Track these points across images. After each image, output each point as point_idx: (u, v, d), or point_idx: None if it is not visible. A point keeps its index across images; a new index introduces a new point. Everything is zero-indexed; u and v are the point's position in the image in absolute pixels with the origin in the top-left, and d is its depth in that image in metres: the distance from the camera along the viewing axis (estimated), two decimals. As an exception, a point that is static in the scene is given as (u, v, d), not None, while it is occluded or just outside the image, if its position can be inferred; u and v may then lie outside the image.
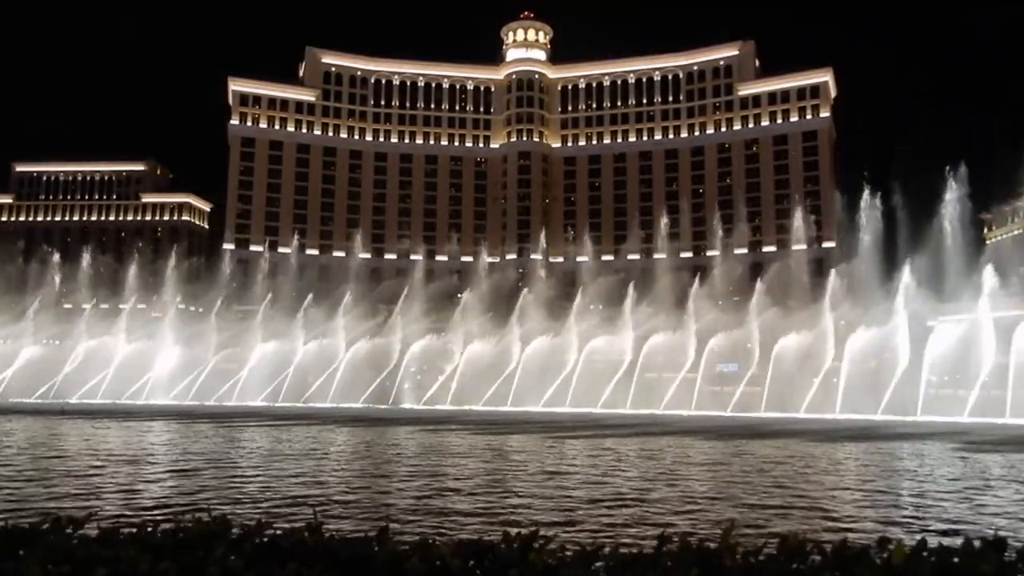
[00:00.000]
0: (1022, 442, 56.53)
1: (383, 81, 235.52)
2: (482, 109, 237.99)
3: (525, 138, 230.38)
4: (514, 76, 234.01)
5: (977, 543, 4.94)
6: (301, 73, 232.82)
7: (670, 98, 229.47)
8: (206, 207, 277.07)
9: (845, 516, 25.06)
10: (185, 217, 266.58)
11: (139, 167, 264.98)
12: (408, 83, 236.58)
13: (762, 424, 77.94)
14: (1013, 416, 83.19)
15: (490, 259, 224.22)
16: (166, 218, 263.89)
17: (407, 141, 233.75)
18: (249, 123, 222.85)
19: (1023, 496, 29.79)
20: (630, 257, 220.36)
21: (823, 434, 61.99)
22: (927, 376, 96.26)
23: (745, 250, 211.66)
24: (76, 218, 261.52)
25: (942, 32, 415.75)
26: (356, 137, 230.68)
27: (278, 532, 5.52)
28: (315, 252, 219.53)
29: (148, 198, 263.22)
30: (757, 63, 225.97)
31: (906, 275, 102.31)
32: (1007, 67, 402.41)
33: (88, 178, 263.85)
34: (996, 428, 73.31)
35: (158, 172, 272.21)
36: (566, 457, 44.28)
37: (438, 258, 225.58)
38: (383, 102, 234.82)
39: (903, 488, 32.34)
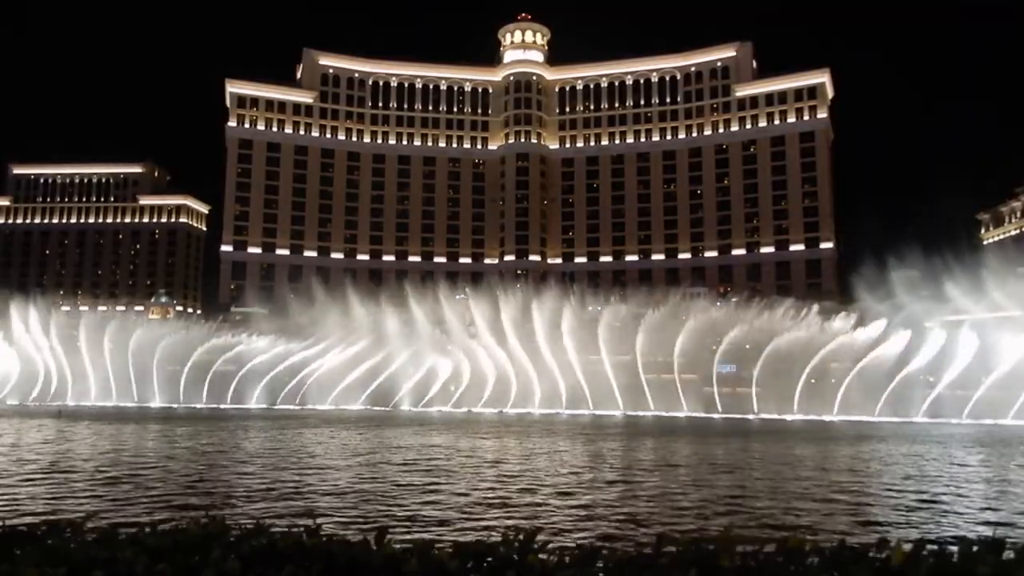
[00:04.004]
0: None
1: (381, 83, 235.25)
2: (480, 111, 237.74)
3: (523, 139, 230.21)
4: (511, 78, 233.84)
5: (975, 544, 4.92)
6: (299, 75, 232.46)
7: (668, 99, 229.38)
8: (204, 209, 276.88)
9: None
10: (183, 219, 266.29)
11: (137, 169, 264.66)
12: (406, 85, 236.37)
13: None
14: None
15: (488, 261, 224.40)
16: (163, 220, 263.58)
17: (405, 143, 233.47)
18: (247, 125, 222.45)
19: None
20: (628, 259, 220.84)
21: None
22: (925, 377, 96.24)
23: (743, 251, 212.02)
24: (73, 220, 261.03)
25: (941, 32, 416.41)
26: (354, 139, 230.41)
27: (276, 534, 5.49)
28: (313, 254, 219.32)
29: (146, 200, 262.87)
30: (755, 64, 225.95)
31: (905, 277, 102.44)
32: (1006, 67, 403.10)
33: (85, 180, 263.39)
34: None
35: (156, 174, 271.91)
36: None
37: (436, 260, 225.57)
38: (381, 104, 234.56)
39: None
